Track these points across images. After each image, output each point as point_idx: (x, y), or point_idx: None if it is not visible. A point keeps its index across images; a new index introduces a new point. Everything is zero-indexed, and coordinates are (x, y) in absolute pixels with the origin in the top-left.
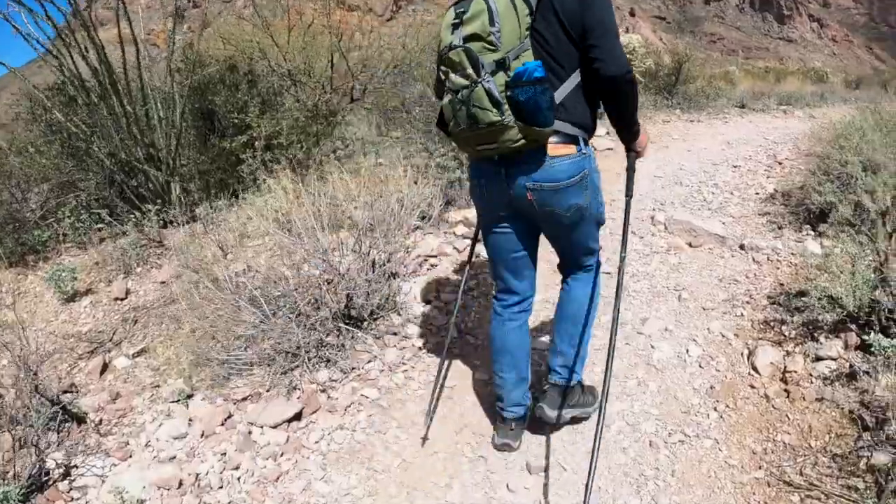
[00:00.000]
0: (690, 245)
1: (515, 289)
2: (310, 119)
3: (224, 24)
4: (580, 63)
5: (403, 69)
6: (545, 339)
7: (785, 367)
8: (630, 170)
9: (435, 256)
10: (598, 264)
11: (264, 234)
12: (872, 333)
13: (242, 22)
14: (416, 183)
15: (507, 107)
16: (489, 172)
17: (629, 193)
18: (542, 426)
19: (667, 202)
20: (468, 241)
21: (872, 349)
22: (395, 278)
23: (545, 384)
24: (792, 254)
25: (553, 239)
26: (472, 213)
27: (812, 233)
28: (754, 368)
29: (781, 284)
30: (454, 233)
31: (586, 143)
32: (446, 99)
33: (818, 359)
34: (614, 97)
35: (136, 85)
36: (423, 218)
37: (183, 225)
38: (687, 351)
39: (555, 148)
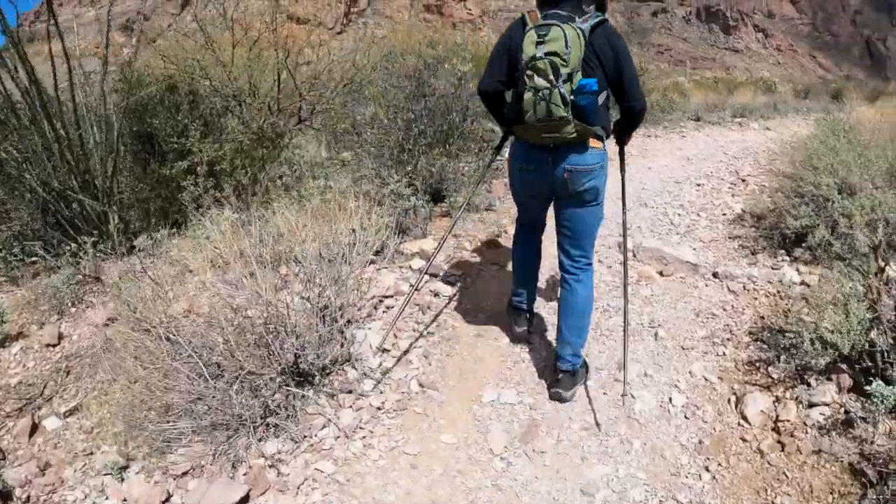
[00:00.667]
0: (661, 274)
1: (535, 230)
2: (255, 142)
3: (165, 40)
4: (611, 92)
5: (354, 88)
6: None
7: (777, 416)
8: (623, 155)
9: (391, 297)
10: (592, 265)
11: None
12: (874, 382)
13: (184, 38)
14: (369, 213)
15: (570, 108)
16: (540, 159)
17: (623, 170)
18: (561, 402)
19: (633, 226)
20: (426, 277)
21: (873, 398)
22: (349, 325)
23: (558, 373)
24: (769, 282)
25: (567, 219)
26: (428, 244)
27: (787, 258)
28: (744, 418)
29: (762, 317)
30: (410, 266)
31: (605, 142)
32: (528, 95)
33: (811, 405)
34: (632, 120)
35: (70, 107)
36: (378, 252)
37: (122, 258)
38: (670, 400)
39: (592, 142)
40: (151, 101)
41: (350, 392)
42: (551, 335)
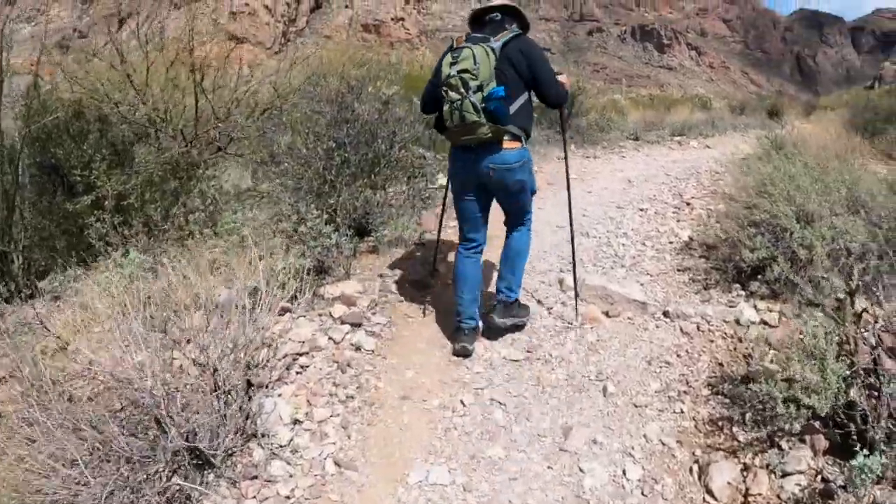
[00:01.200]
0: (608, 315)
1: (475, 238)
2: (168, 173)
3: (73, 60)
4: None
5: (273, 114)
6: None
7: (747, 490)
8: (564, 117)
9: (306, 353)
10: (531, 221)
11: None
12: (858, 455)
13: (95, 58)
14: (285, 253)
15: (482, 113)
16: (466, 158)
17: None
18: (491, 330)
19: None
20: (347, 328)
21: (859, 470)
22: (256, 391)
23: (493, 301)
24: (725, 321)
25: (503, 203)
26: (351, 287)
27: (743, 292)
28: (709, 492)
29: (720, 365)
30: (330, 314)
31: (526, 141)
32: (446, 107)
33: (784, 474)
34: (556, 108)
35: None
36: (294, 297)
37: (24, 301)
38: (624, 473)
39: (507, 143)
40: (56, 129)
41: (255, 478)
42: (485, 396)
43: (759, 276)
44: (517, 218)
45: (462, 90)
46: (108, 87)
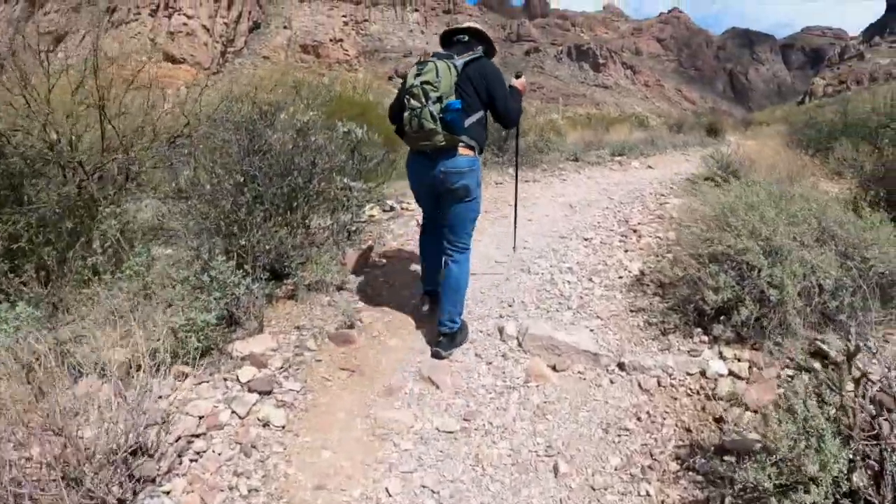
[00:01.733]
0: (555, 369)
1: (432, 226)
2: (66, 211)
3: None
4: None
5: (183, 143)
6: None
7: None
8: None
9: (204, 434)
10: (469, 248)
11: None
12: None
13: None
14: (188, 305)
15: (439, 122)
16: (422, 161)
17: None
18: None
19: (516, 302)
20: (255, 397)
21: None
22: (141, 486)
23: (440, 335)
24: (689, 374)
25: (446, 211)
26: (262, 344)
27: (706, 338)
28: None
29: (688, 430)
30: (237, 378)
31: (479, 153)
32: (406, 114)
33: None
34: (510, 128)
35: None
36: (203, 354)
37: None
38: None
39: (462, 149)
40: None
41: None
42: (415, 482)
43: (724, 319)
44: (456, 236)
45: (423, 99)
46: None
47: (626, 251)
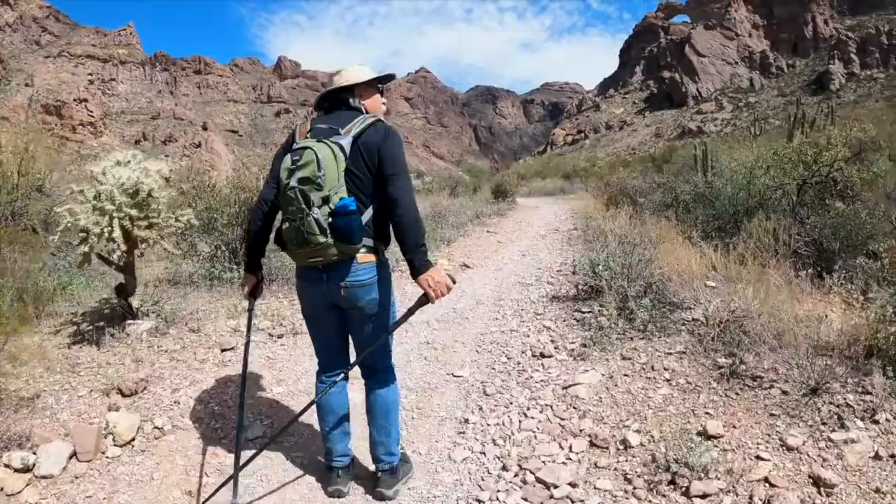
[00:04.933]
0: None
1: (333, 364)
2: None
3: None
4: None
5: None
6: None
7: None
8: (416, 305)
9: None
10: (393, 366)
11: None
12: None
13: None
14: None
15: (329, 231)
16: (315, 277)
17: (392, 328)
18: (384, 500)
19: None
20: None
21: None
22: None
23: (378, 472)
24: None
25: (356, 332)
26: None
27: None
28: None
29: None
30: None
31: (384, 254)
32: (286, 225)
33: None
34: (402, 219)
35: None
36: None
37: None
38: None
39: (362, 256)
40: None
41: None
42: None
43: None
44: (375, 359)
45: (303, 206)
46: None
47: None
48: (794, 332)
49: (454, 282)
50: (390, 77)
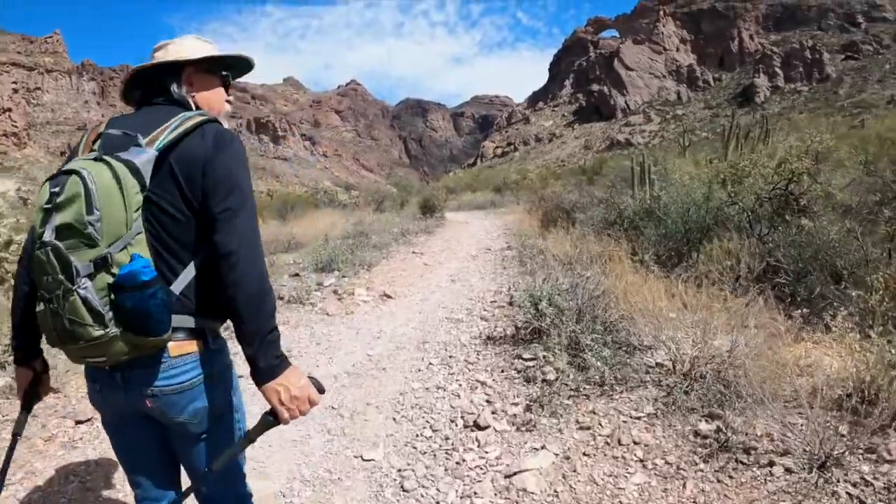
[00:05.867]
0: None
1: (153, 495)
2: None
3: None
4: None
5: None
6: None
7: None
8: (259, 427)
9: None
10: (249, 497)
11: None
12: None
13: None
14: None
15: (110, 315)
16: (104, 377)
17: (235, 451)
18: None
19: None
20: None
21: None
22: None
23: None
24: None
25: (184, 455)
26: None
27: None
28: None
29: None
30: None
31: (216, 336)
32: (40, 307)
33: None
34: (239, 288)
35: None
36: None
37: None
38: None
39: (177, 346)
40: None
41: None
42: None
43: None
44: (217, 490)
45: (60, 276)
46: None
47: None
48: (781, 380)
49: (322, 392)
50: (243, 63)
